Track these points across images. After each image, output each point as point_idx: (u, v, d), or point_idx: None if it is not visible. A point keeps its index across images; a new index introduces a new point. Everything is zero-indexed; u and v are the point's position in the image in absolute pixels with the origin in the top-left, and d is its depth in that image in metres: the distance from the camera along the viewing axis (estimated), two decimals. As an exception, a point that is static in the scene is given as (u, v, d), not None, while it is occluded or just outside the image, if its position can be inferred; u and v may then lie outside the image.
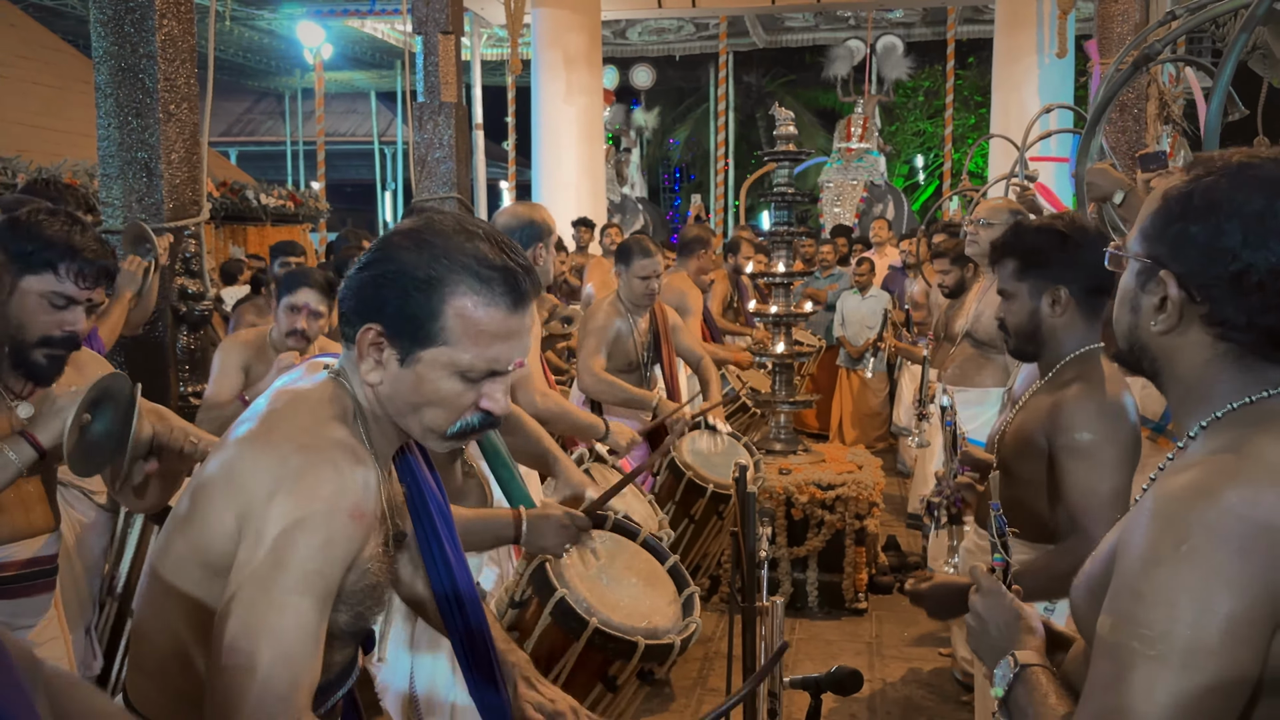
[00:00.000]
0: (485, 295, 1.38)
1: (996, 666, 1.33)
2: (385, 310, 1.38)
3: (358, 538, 1.35)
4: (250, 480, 1.31)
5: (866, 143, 15.29)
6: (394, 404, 1.43)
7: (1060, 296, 2.27)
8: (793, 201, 5.48)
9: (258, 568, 1.27)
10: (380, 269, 1.39)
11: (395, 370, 1.40)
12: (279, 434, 1.35)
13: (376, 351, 1.39)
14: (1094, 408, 2.18)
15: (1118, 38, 6.88)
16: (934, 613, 2.20)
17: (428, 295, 1.37)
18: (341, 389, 1.44)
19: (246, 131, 22.13)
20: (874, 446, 7.82)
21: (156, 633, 1.42)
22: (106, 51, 4.21)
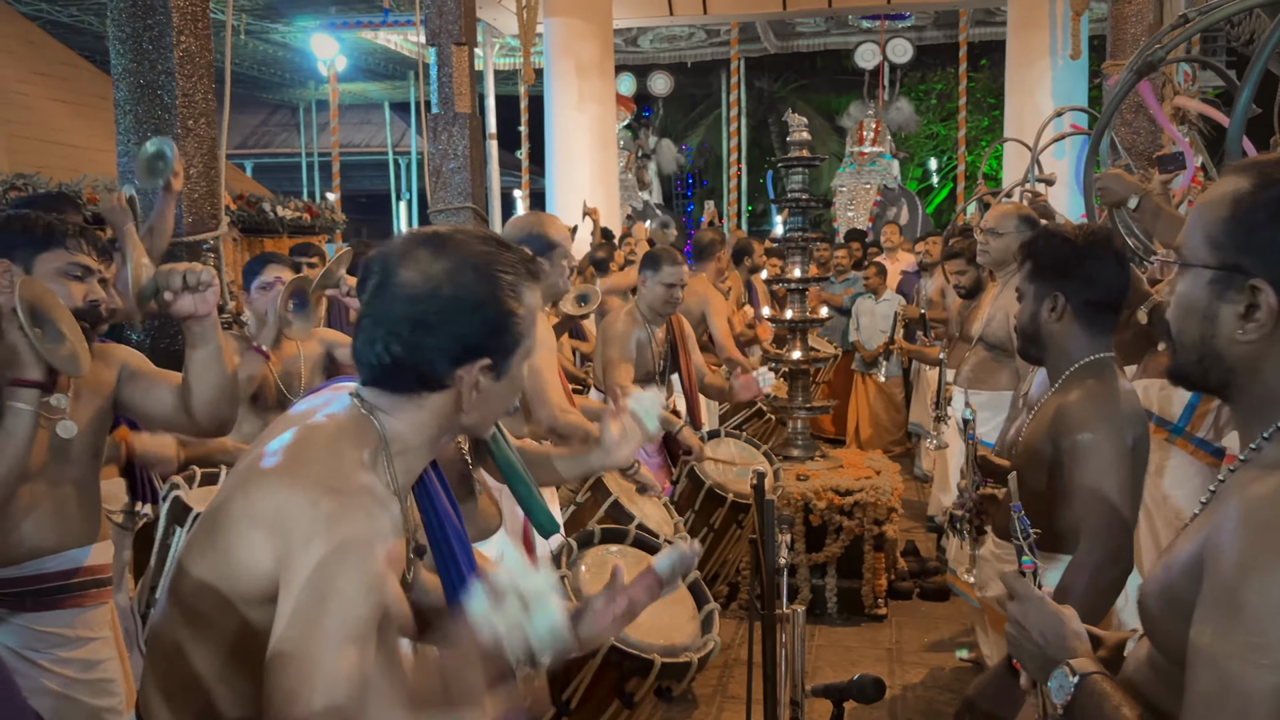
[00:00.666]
0: (526, 279, 1.47)
1: (1050, 678, 1.31)
2: (478, 342, 1.42)
3: (392, 579, 1.36)
4: (284, 521, 1.31)
5: (879, 146, 15.28)
6: (480, 425, 1.51)
7: (1058, 303, 2.33)
8: (806, 207, 5.48)
9: (305, 616, 1.27)
10: (446, 302, 1.40)
11: (491, 390, 1.46)
12: (309, 474, 1.35)
13: (477, 384, 1.44)
14: (1093, 409, 2.22)
15: (1131, 39, 6.86)
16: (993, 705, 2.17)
17: (500, 303, 1.43)
18: (367, 424, 1.44)
19: (262, 144, 22.27)
20: (891, 451, 7.80)
21: (175, 654, 1.42)
22: (125, 68, 4.26)
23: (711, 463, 4.21)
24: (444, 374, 1.42)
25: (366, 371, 1.45)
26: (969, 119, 15.96)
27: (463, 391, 1.43)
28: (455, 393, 1.43)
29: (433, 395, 1.44)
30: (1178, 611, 1.14)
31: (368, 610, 1.29)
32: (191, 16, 4.30)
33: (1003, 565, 2.49)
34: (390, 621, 1.40)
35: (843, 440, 8.42)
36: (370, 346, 1.42)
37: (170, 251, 4.08)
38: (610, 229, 10.36)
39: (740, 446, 4.50)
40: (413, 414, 1.45)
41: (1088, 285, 2.31)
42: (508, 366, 1.46)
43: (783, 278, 5.55)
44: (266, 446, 1.43)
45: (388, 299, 1.41)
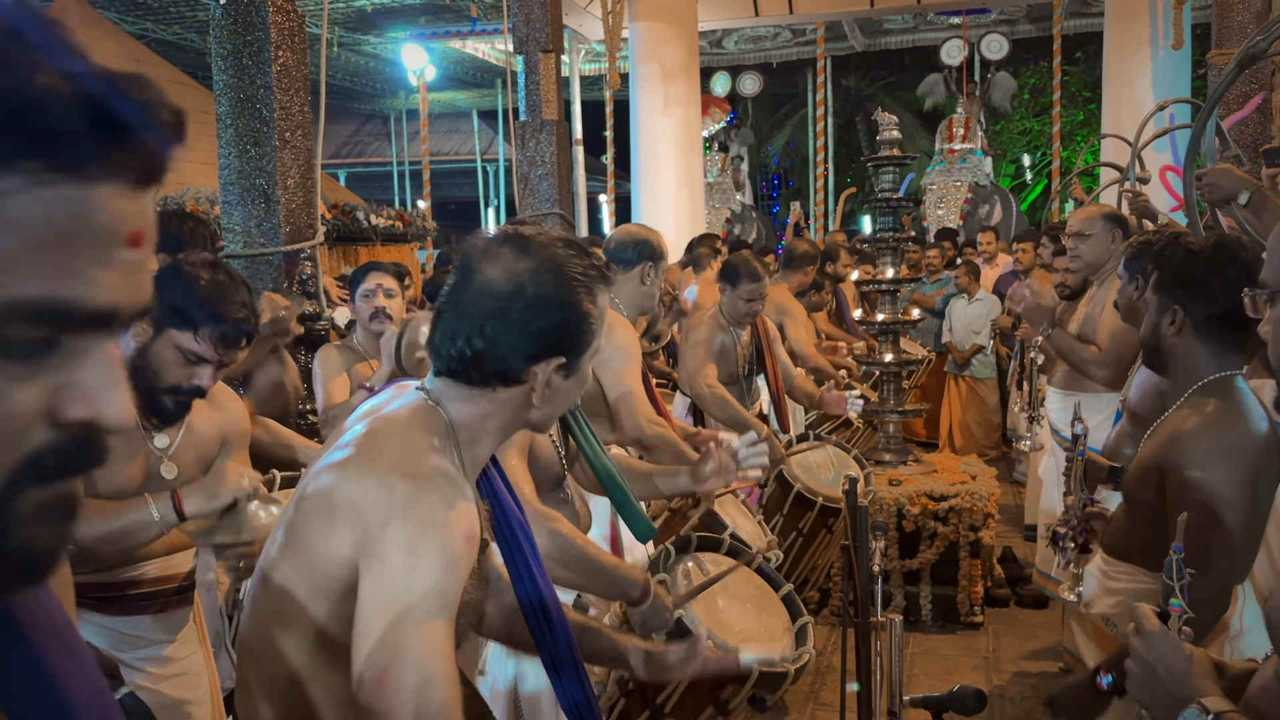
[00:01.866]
0: (600, 282, 1.51)
1: (1179, 717, 1.26)
2: (556, 340, 1.46)
3: (471, 559, 1.38)
4: (361, 507, 1.33)
5: (970, 143, 14.96)
6: (544, 416, 1.53)
7: (1177, 317, 2.23)
8: (897, 207, 5.39)
9: (390, 595, 1.29)
10: (529, 300, 1.44)
11: (560, 385, 1.50)
12: (381, 461, 1.37)
13: (549, 382, 1.48)
14: (1208, 442, 2.09)
15: (1238, 27, 6.61)
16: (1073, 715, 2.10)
17: (577, 305, 1.46)
18: (435, 414, 1.47)
19: (354, 153, 22.81)
20: (986, 455, 7.62)
21: (265, 653, 1.45)
22: (226, 84, 4.39)
23: (801, 466, 4.16)
24: (520, 370, 1.45)
25: (443, 363, 1.48)
26: (1064, 114, 15.53)
27: (535, 387, 1.46)
28: (528, 388, 1.47)
29: (506, 389, 1.47)
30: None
31: (450, 586, 1.32)
32: (289, 32, 4.42)
33: (1111, 582, 2.39)
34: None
35: (935, 444, 8.27)
36: (451, 340, 1.45)
37: (269, 261, 4.20)
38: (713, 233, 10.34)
39: (830, 451, 4.44)
40: (483, 406, 1.48)
41: (1209, 300, 2.20)
42: (578, 365, 1.50)
43: (874, 279, 5.47)
44: (338, 441, 1.47)
45: (472, 295, 1.45)
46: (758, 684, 2.29)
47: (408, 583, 1.29)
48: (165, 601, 2.42)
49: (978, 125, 15.04)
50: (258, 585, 1.47)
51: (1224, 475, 2.05)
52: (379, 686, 1.26)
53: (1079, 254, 4.08)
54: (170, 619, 2.43)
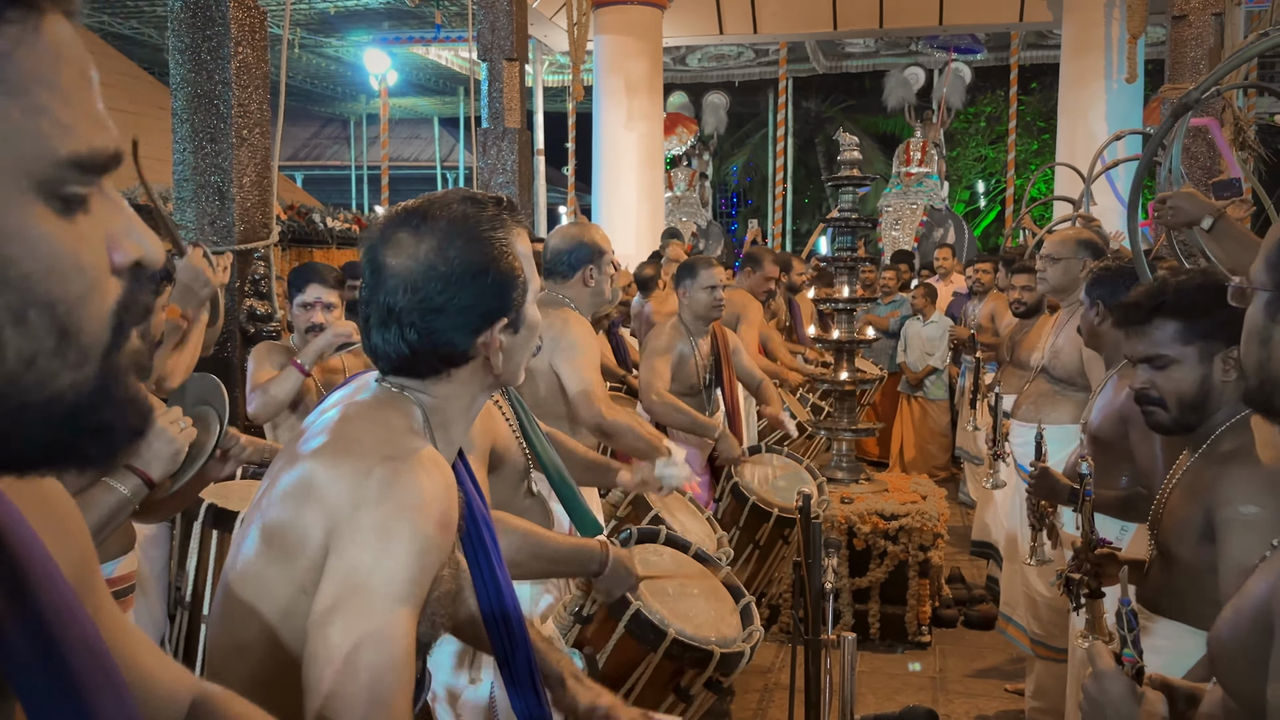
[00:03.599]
0: (512, 226, 1.45)
1: None
2: (491, 306, 1.41)
3: (445, 546, 1.33)
4: (333, 493, 1.29)
5: (926, 167, 15.17)
6: (510, 373, 1.48)
7: (1234, 357, 2.02)
8: (855, 227, 5.43)
9: (355, 577, 1.25)
10: (446, 279, 1.39)
11: (513, 341, 1.45)
12: (359, 446, 1.33)
13: (500, 346, 1.43)
14: (1262, 480, 1.92)
15: (1191, 62, 6.75)
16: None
17: (498, 262, 1.41)
18: (404, 399, 1.43)
19: (313, 156, 22.59)
20: (936, 475, 7.69)
21: (236, 653, 1.40)
22: (183, 79, 4.32)
23: (755, 478, 4.16)
24: (467, 347, 1.41)
25: (388, 365, 1.43)
26: (1018, 142, 15.80)
27: (489, 356, 1.43)
28: (481, 359, 1.43)
29: (460, 369, 1.43)
30: (1249, 661, 1.09)
31: (419, 574, 1.27)
32: (249, 28, 4.36)
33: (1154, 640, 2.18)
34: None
35: (886, 463, 8.33)
36: (386, 342, 1.40)
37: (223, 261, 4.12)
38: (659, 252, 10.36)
39: (782, 462, 4.46)
40: (444, 388, 1.44)
41: None
42: (523, 316, 1.46)
43: (831, 298, 5.50)
44: (308, 431, 1.42)
45: (388, 291, 1.39)
46: (719, 665, 2.30)
47: (375, 564, 1.25)
48: (125, 602, 2.41)
49: (934, 150, 15.25)
50: (228, 583, 1.41)
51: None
52: (330, 668, 1.22)
53: (1045, 276, 4.09)
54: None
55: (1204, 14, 6.73)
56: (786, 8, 13.05)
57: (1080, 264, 3.91)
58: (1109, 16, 10.20)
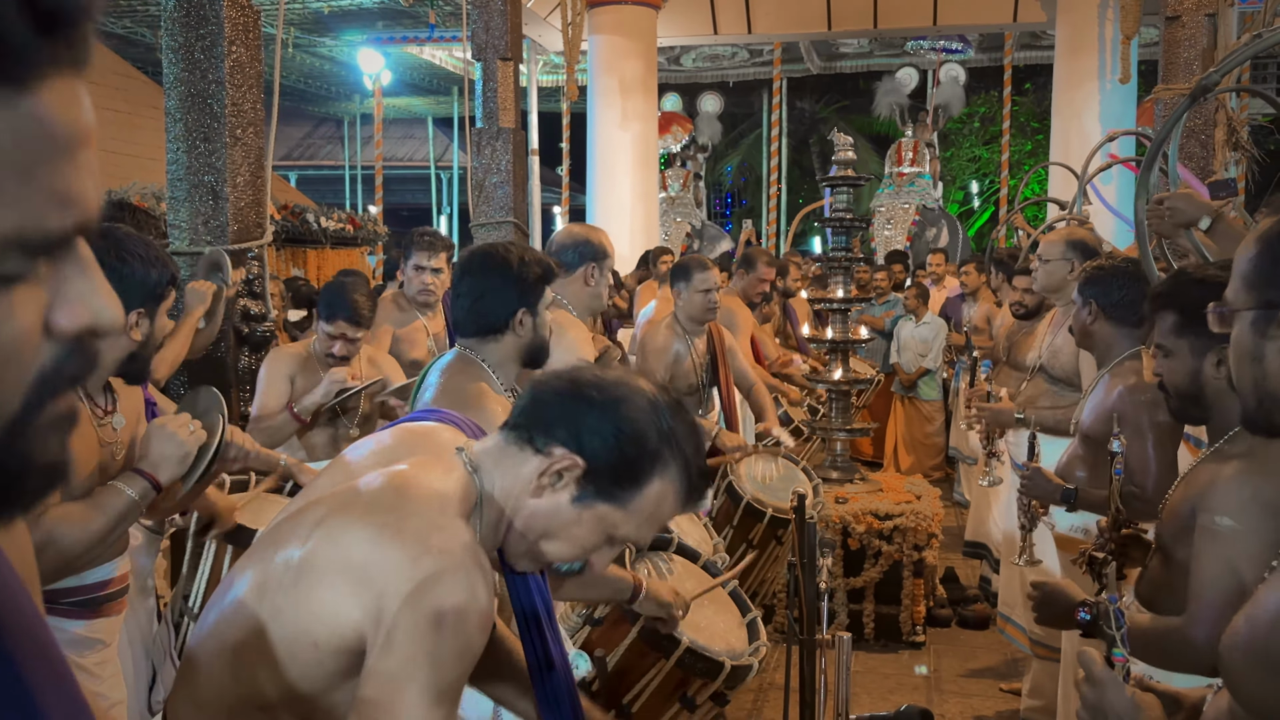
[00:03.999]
0: (683, 493, 1.41)
1: None
2: (599, 452, 1.37)
3: (483, 646, 1.32)
4: (380, 574, 1.27)
5: (919, 167, 15.19)
6: (530, 523, 1.42)
7: (1226, 357, 1.97)
8: (850, 227, 5.43)
9: (397, 673, 1.24)
10: (610, 411, 1.37)
11: (560, 502, 1.40)
12: (410, 528, 1.30)
13: (557, 478, 1.39)
14: (1249, 493, 1.88)
15: (1183, 63, 6.77)
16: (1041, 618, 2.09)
17: (646, 463, 1.38)
18: (473, 483, 1.41)
19: (306, 156, 22.54)
20: (930, 476, 7.69)
21: (225, 672, 1.39)
22: (177, 78, 4.31)
23: (749, 478, 4.16)
24: (545, 439, 1.40)
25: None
26: (1012, 143, 15.82)
27: (545, 465, 1.40)
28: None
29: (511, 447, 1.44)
30: (1265, 667, 1.09)
31: (457, 675, 1.27)
32: (243, 28, 4.35)
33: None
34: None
35: (880, 463, 8.34)
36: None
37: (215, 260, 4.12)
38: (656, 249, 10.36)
39: (777, 462, 4.46)
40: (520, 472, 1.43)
41: None
42: (589, 504, 1.41)
43: (825, 298, 5.50)
44: (360, 483, 1.38)
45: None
46: (726, 679, 2.31)
47: (416, 666, 1.24)
48: (119, 604, 2.41)
49: (926, 150, 15.27)
50: (235, 601, 1.39)
51: (1260, 528, 1.84)
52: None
53: (1036, 277, 4.11)
54: (113, 623, 2.40)
55: (1197, 15, 6.75)
56: (781, 8, 13.06)
57: (1069, 265, 3.92)
58: (1102, 17, 10.22)
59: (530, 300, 2.37)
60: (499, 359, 2.37)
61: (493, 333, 2.36)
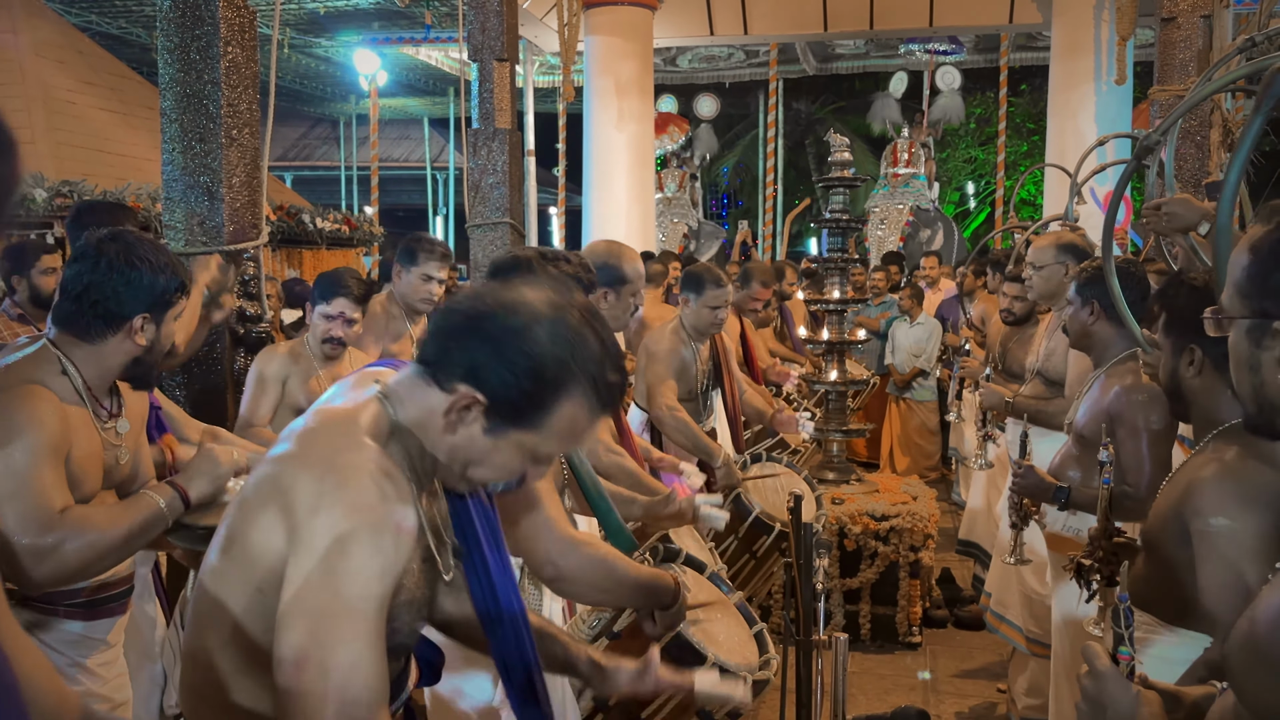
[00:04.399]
0: (593, 406, 1.42)
1: None
2: (497, 387, 1.38)
3: (405, 551, 1.35)
4: (292, 497, 1.33)
5: (914, 168, 15.20)
6: (451, 453, 1.44)
7: (1195, 357, 2.13)
8: (847, 228, 5.43)
9: (315, 580, 1.28)
10: (506, 344, 1.38)
11: (474, 434, 1.42)
12: (315, 451, 1.37)
13: (465, 413, 1.40)
14: (1233, 489, 1.92)
15: (1179, 64, 6.78)
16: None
17: (548, 391, 1.39)
18: (383, 411, 1.44)
19: (302, 156, 22.51)
20: (926, 477, 7.70)
21: (207, 654, 1.42)
22: (172, 78, 4.29)
23: (756, 491, 4.11)
24: (449, 377, 1.43)
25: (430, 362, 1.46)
26: (1008, 144, 15.84)
27: (451, 405, 1.43)
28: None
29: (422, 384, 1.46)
30: (1267, 667, 1.09)
31: (377, 574, 1.30)
32: (239, 28, 4.34)
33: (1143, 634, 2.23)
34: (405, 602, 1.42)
35: (876, 464, 8.34)
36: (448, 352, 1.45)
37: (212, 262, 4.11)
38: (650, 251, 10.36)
39: (784, 477, 4.43)
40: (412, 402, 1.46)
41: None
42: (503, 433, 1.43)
43: (821, 299, 5.50)
44: (283, 433, 1.46)
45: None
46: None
47: (331, 568, 1.28)
48: (125, 602, 2.42)
49: (921, 151, 15.29)
50: (199, 588, 1.45)
51: (1254, 524, 1.87)
52: (299, 670, 1.25)
53: (1031, 284, 4.11)
54: (120, 622, 2.40)
55: (1193, 16, 6.76)
56: (777, 9, 13.06)
57: (1063, 268, 3.92)
58: (1098, 18, 10.23)
59: None
60: None
61: None
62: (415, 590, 1.46)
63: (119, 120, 8.52)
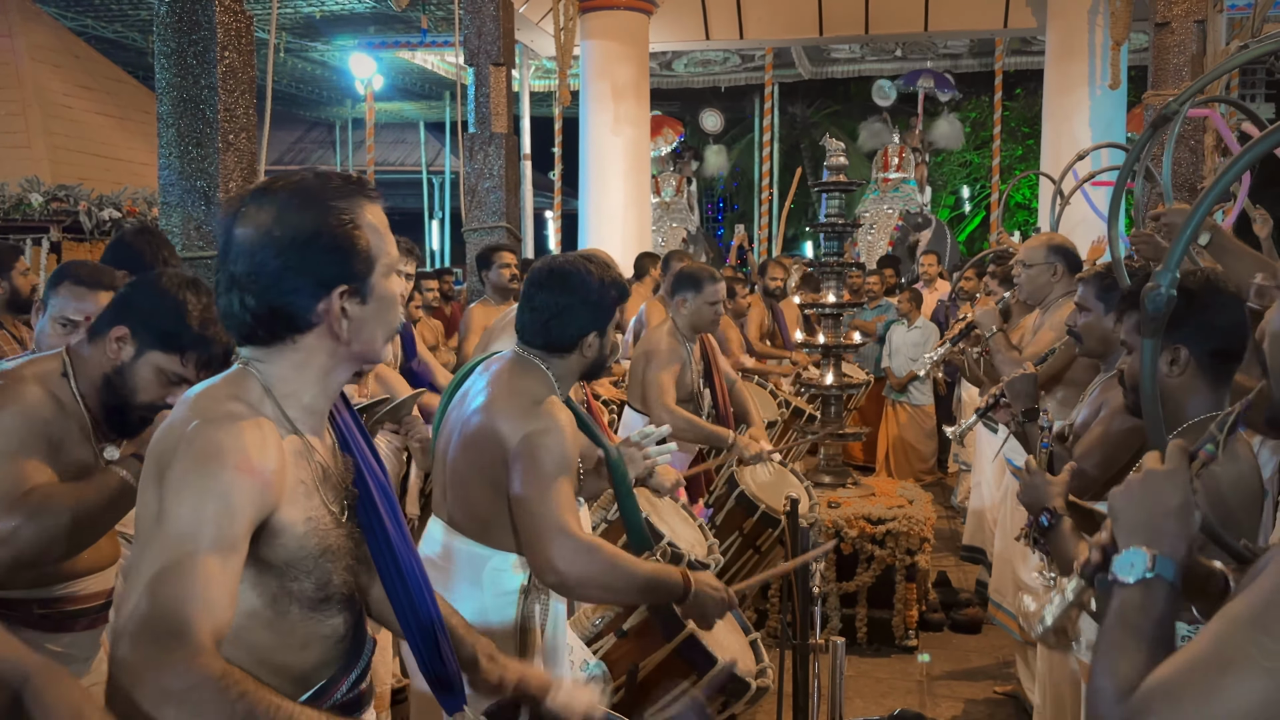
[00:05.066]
0: (360, 198, 1.51)
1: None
2: (327, 272, 1.45)
3: (251, 489, 1.38)
4: (160, 456, 1.39)
5: (904, 172, 15.25)
6: (364, 348, 1.52)
7: (1179, 357, 2.14)
8: (842, 232, 5.44)
9: (152, 524, 1.34)
10: (279, 244, 1.44)
11: (360, 313, 1.48)
12: (181, 417, 1.42)
13: (343, 311, 1.47)
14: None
15: (1173, 69, 6.80)
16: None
17: (335, 229, 1.46)
18: (247, 374, 1.50)
19: (298, 160, 22.49)
20: (922, 480, 7.72)
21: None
22: (169, 83, 4.30)
23: (755, 484, 4.16)
24: (307, 312, 1.46)
25: (236, 334, 1.51)
26: (1003, 148, 15.88)
27: (332, 324, 1.47)
28: (326, 326, 1.47)
29: (305, 336, 1.48)
30: None
31: (220, 514, 1.34)
32: (235, 33, 4.35)
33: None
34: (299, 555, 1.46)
35: (873, 468, 8.35)
36: (231, 309, 1.48)
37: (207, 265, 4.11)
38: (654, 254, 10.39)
39: (775, 469, 4.46)
40: (292, 357, 1.49)
41: (1208, 334, 2.12)
42: (370, 286, 1.49)
43: (817, 303, 5.51)
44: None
45: (232, 259, 1.47)
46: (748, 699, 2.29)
47: (165, 511, 1.33)
48: (96, 617, 2.36)
49: (912, 156, 15.34)
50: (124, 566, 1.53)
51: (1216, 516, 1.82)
52: (128, 603, 1.29)
53: (1020, 283, 4.12)
54: (95, 635, 2.36)
55: (1186, 21, 6.79)
56: (773, 13, 13.08)
57: (1051, 269, 3.94)
58: (1092, 23, 10.27)
59: (602, 323, 2.39)
60: (562, 372, 2.39)
61: (560, 350, 2.37)
62: (329, 539, 1.49)
63: (115, 124, 8.53)
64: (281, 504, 1.43)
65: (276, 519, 1.43)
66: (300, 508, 1.46)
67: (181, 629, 1.25)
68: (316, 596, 1.49)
